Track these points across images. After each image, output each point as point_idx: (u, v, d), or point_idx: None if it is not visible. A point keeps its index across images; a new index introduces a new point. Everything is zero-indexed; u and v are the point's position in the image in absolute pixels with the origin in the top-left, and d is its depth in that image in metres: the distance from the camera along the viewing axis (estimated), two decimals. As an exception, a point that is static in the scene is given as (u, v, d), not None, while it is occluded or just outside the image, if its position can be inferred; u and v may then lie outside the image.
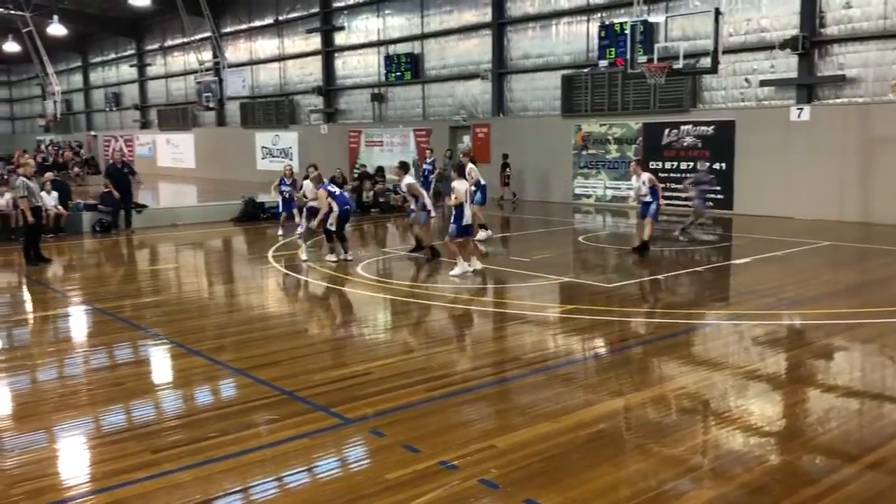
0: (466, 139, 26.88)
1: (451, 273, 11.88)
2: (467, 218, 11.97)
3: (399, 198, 22.77)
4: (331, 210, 13.05)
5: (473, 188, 13.71)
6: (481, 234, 15.26)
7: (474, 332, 9.11)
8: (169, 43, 42.17)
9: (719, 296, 11.11)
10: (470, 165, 14.30)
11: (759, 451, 5.40)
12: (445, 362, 7.56)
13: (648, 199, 13.56)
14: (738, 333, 8.66)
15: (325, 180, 14.11)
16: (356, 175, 25.18)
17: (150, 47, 44.26)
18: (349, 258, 13.51)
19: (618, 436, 5.70)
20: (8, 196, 17.06)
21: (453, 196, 11.84)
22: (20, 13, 36.46)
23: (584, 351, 8.20)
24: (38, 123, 51.02)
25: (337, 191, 13.68)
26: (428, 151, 24.51)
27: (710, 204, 17.48)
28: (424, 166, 23.22)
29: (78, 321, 10.09)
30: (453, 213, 11.94)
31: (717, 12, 15.39)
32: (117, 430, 5.97)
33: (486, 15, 25.95)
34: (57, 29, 35.79)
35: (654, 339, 8.48)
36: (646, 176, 13.69)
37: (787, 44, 18.54)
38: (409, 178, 13.65)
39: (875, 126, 17.38)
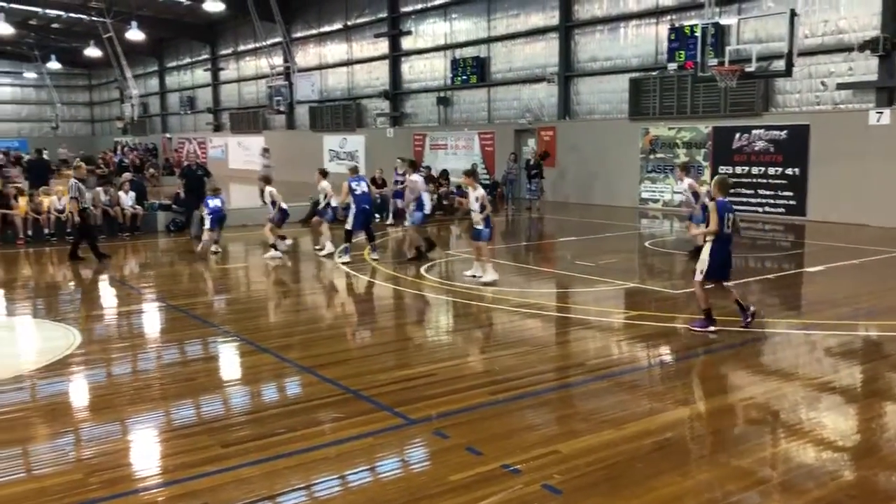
0: (532, 142, 26.80)
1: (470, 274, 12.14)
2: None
3: (464, 201, 22.84)
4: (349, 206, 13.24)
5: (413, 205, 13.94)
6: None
7: (538, 337, 9.07)
8: (241, 48, 43.19)
9: (791, 304, 10.82)
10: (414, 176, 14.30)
11: (832, 466, 5.24)
12: (509, 366, 7.55)
13: (693, 203, 13.34)
14: (811, 343, 8.42)
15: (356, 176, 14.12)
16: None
17: (223, 52, 45.42)
18: (374, 258, 13.64)
19: (683, 445, 5.61)
20: (88, 196, 17.73)
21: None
22: (102, 20, 37.92)
23: (650, 358, 8.09)
24: (116, 126, 52.87)
25: (359, 189, 13.49)
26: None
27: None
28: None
29: (152, 317, 10.41)
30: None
31: (793, 13, 15.01)
32: (189, 424, 6.15)
33: (553, 18, 25.84)
34: (135, 34, 37.03)
35: (722, 347, 8.31)
36: (686, 182, 13.60)
37: (866, 45, 17.92)
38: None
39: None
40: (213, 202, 15.52)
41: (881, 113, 17.88)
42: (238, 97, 44.76)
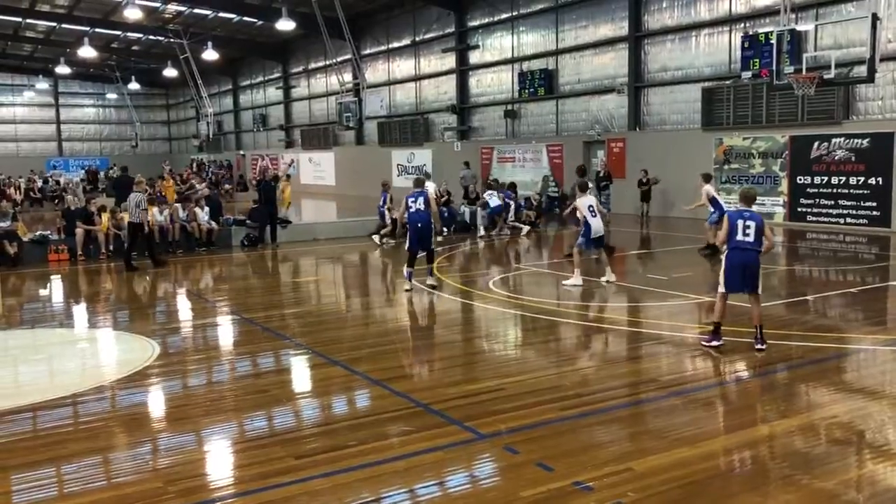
0: (601, 154, 26.52)
1: (564, 283, 12.59)
2: (595, 231, 12.51)
3: (531, 214, 22.73)
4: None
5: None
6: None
7: (609, 352, 8.93)
8: (312, 65, 44.06)
9: (875, 319, 10.36)
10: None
11: (923, 489, 4.99)
12: (579, 381, 7.45)
13: (710, 209, 15.08)
14: (898, 361, 8.05)
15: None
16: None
17: (294, 70, 46.42)
18: (433, 284, 12.54)
19: (762, 465, 5.42)
20: (167, 212, 18.32)
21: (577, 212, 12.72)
22: (179, 41, 39.26)
23: (726, 374, 7.86)
24: (192, 143, 54.51)
25: (414, 206, 12.37)
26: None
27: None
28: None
29: (226, 330, 10.65)
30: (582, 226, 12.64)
31: (875, 17, 14.48)
32: (262, 436, 6.25)
33: (622, 29, 25.58)
34: (210, 55, 38.18)
35: (802, 363, 8.02)
36: (703, 189, 15.22)
37: (954, 49, 17.20)
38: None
39: None
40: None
41: (971, 119, 17.09)
42: (308, 114, 45.65)
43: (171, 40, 40.26)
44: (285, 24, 31.63)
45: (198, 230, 18.55)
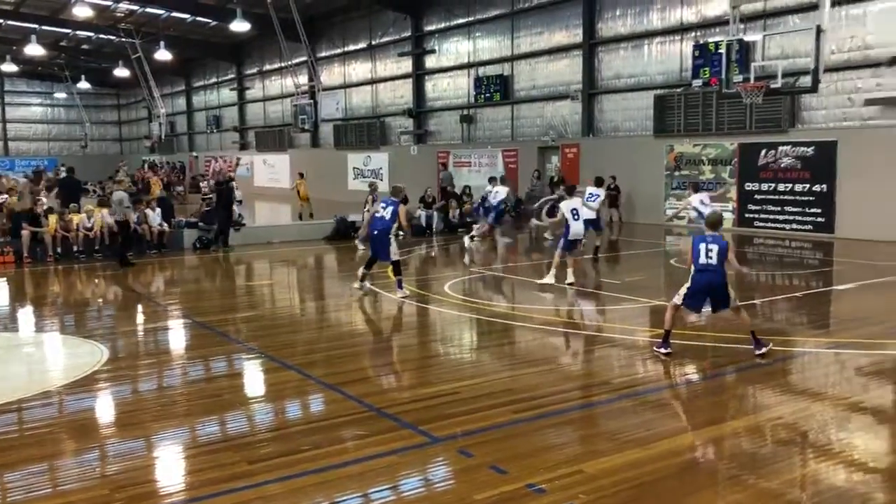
0: (555, 159, 26.78)
1: (539, 282, 12.81)
2: (574, 234, 12.83)
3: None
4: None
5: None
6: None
7: (563, 355, 9.02)
8: (267, 67, 43.67)
9: (819, 322, 10.67)
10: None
11: (863, 488, 5.14)
12: (533, 384, 7.51)
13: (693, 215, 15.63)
14: (840, 363, 8.29)
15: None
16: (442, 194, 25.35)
17: (249, 71, 45.96)
18: (403, 297, 11.96)
19: (711, 465, 5.54)
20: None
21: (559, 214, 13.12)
22: (131, 40, 38.59)
23: (676, 377, 8.00)
24: (144, 145, 53.58)
25: (381, 212, 12.20)
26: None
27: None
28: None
29: (178, 334, 10.50)
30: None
31: (819, 29, 14.89)
32: (214, 441, 6.18)
33: (577, 36, 25.88)
34: (163, 55, 37.61)
35: (749, 366, 8.20)
36: (696, 197, 15.61)
37: (894, 61, 17.76)
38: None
39: None
40: None
41: (910, 129, 17.68)
42: (263, 116, 45.23)
43: (123, 39, 39.53)
44: (240, 26, 31.34)
45: (149, 232, 18.24)
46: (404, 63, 33.66)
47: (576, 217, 12.79)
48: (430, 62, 32.57)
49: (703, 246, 8.35)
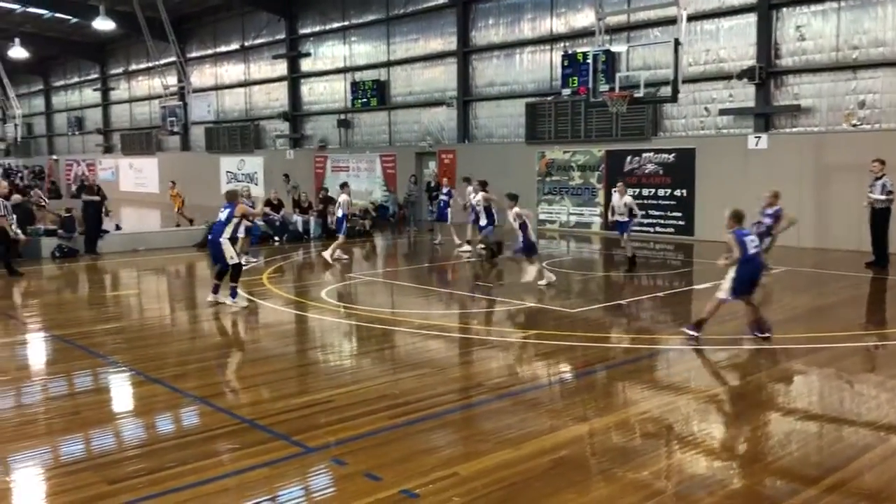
0: (432, 165, 27.00)
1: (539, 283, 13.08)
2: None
3: (364, 223, 22.78)
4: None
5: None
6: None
7: (438, 358, 9.08)
8: (133, 67, 41.87)
9: (682, 320, 11.19)
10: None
11: (721, 475, 5.44)
12: (409, 388, 7.52)
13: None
14: (701, 358, 8.75)
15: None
16: (321, 198, 25.04)
17: (113, 71, 43.91)
18: (243, 305, 11.73)
19: (581, 461, 5.70)
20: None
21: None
22: (-20, 36, 36.06)
23: (549, 376, 8.22)
24: (-2, 147, 50.22)
25: (219, 216, 11.71)
26: (445, 179, 22.59)
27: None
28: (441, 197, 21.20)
29: (35, 348, 9.87)
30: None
31: (677, 43, 15.70)
32: (74, 461, 5.83)
33: (451, 43, 26.21)
34: (18, 52, 35.36)
35: (618, 363, 8.54)
36: (626, 198, 15.52)
37: (744, 74, 18.97)
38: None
39: (830, 154, 17.80)
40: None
41: (759, 137, 18.92)
42: (130, 118, 43.32)
43: (-29, 35, 36.90)
44: (103, 24, 29.90)
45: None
46: (279, 66, 33.07)
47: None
48: (306, 65, 32.15)
49: (748, 239, 9.02)
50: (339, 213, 16.90)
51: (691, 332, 9.19)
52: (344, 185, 17.66)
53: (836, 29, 17.99)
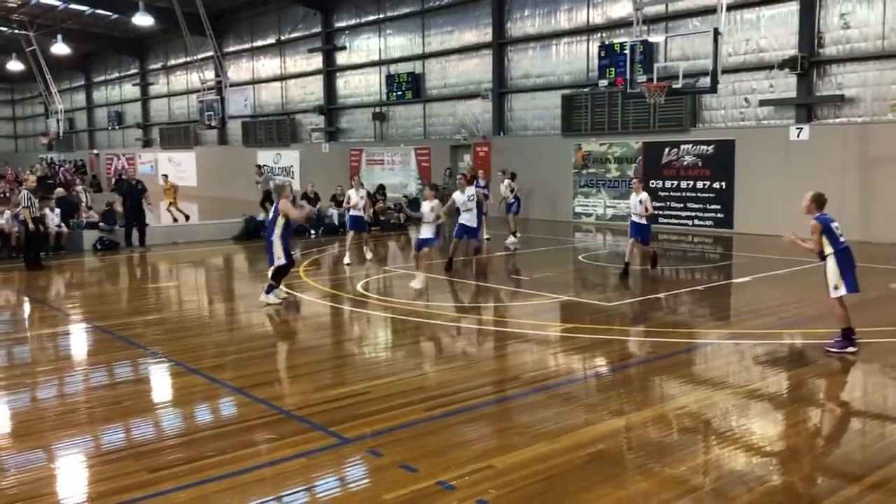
0: (467, 157, 26.96)
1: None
2: (422, 232, 12.66)
3: (401, 216, 22.83)
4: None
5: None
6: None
7: (474, 351, 9.08)
8: (172, 62, 42.42)
9: (720, 314, 11.08)
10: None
11: (760, 471, 5.36)
12: (445, 381, 7.53)
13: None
14: (739, 353, 8.63)
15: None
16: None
17: (152, 66, 44.52)
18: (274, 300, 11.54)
19: (618, 456, 5.66)
20: (7, 214, 17.10)
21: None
22: (24, 32, 36.77)
23: (584, 370, 8.17)
24: (40, 142, 51.23)
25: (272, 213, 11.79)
26: (480, 171, 22.58)
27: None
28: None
29: (77, 339, 10.07)
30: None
31: (717, 32, 15.48)
32: (115, 449, 5.94)
33: (486, 35, 26.11)
34: (60, 48, 36.01)
35: (654, 357, 8.45)
36: (643, 194, 13.38)
37: (785, 64, 18.62)
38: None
39: (874, 145, 17.41)
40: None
41: (800, 129, 18.57)
42: (168, 112, 43.90)
43: (16, 31, 37.64)
44: (143, 19, 30.32)
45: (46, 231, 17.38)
46: (314, 59, 33.26)
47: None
48: (341, 59, 32.29)
49: (833, 225, 8.30)
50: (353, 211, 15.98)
51: (848, 349, 8.25)
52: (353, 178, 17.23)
53: (882, 16, 17.56)
